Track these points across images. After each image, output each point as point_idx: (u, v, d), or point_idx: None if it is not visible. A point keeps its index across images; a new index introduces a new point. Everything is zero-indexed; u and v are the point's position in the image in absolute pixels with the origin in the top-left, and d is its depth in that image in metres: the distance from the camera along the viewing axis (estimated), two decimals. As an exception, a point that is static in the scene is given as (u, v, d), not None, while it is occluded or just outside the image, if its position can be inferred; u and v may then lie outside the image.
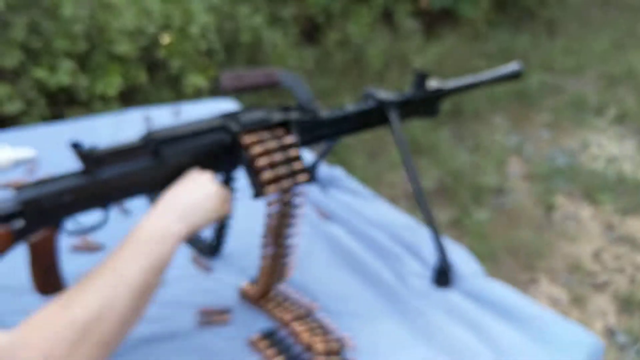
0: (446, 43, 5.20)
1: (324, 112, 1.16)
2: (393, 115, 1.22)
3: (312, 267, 1.22)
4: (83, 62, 2.92)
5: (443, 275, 1.18)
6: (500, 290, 1.17)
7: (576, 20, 6.48)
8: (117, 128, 1.62)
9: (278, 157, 1.00)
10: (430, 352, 1.03)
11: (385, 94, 1.24)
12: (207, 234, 1.26)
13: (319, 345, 1.01)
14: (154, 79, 3.23)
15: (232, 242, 1.25)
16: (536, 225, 3.23)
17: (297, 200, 1.05)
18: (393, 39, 5.00)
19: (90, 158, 0.90)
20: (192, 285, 1.16)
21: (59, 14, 2.76)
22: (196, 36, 3.12)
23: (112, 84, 2.77)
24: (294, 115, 1.09)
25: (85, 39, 2.82)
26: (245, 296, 1.14)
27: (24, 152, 1.48)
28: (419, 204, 1.22)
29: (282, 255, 1.10)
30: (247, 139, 0.99)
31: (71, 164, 0.92)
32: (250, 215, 1.27)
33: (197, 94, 3.09)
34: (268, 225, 1.06)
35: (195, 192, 0.91)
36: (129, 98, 3.15)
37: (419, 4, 5.24)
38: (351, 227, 1.35)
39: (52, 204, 0.89)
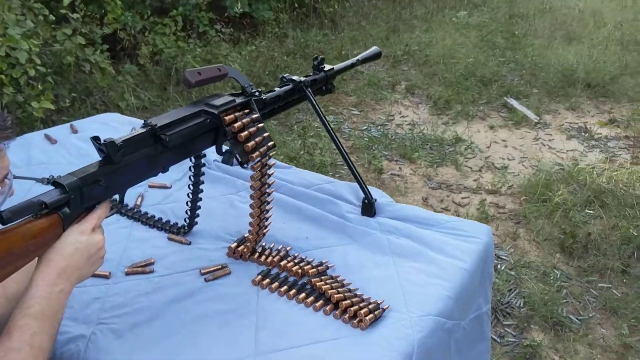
0: (254, 45, 5.57)
1: (262, 94, 1.40)
2: (310, 92, 1.53)
3: (272, 224, 1.47)
4: None
5: (370, 207, 1.53)
6: (413, 210, 1.56)
7: (354, 14, 7.34)
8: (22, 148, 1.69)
9: (252, 129, 1.24)
10: (386, 257, 1.37)
11: (298, 77, 1.53)
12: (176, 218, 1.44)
13: (311, 270, 1.28)
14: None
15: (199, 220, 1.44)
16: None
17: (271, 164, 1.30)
18: (203, 47, 5.21)
19: (112, 147, 1.02)
20: (181, 256, 1.34)
21: None
22: (23, 62, 3.03)
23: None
24: (244, 98, 1.31)
25: None
26: (234, 254, 1.35)
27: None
28: (342, 156, 1.55)
29: (264, 215, 1.33)
30: (227, 117, 1.21)
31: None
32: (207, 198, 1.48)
33: (45, 118, 3.01)
34: (254, 189, 1.28)
35: (74, 253, 0.98)
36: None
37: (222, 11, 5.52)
38: (287, 190, 1.62)
39: (89, 190, 1.00)
